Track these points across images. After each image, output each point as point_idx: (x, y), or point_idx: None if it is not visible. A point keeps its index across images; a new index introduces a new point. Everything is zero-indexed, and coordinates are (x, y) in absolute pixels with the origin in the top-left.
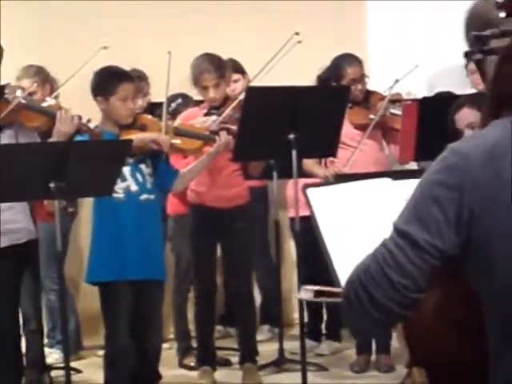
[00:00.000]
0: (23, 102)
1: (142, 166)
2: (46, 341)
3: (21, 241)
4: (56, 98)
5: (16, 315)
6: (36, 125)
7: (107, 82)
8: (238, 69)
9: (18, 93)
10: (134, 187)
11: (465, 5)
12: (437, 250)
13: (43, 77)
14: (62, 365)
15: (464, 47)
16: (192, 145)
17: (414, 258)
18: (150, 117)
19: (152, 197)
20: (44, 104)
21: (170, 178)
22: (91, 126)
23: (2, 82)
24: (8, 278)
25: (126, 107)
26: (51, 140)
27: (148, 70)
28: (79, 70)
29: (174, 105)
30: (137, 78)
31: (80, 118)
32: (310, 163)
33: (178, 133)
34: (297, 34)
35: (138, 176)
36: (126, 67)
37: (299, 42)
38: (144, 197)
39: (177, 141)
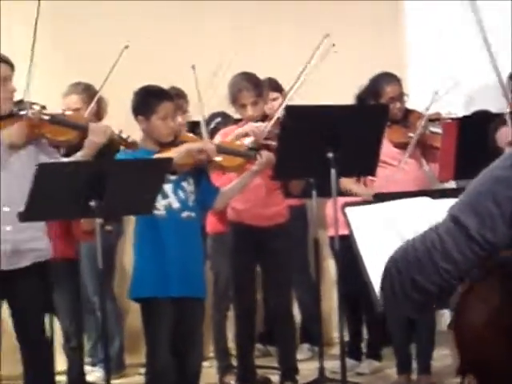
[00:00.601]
0: (45, 117)
1: (184, 184)
2: (89, 359)
3: (42, 259)
4: (99, 117)
5: (42, 332)
6: (65, 138)
7: (147, 101)
8: (277, 87)
9: (27, 109)
10: (175, 204)
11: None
12: (487, 242)
13: (90, 94)
14: (103, 383)
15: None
16: (233, 162)
17: (462, 246)
18: (190, 134)
19: (193, 214)
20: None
21: (211, 196)
22: (123, 136)
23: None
24: (34, 297)
25: (166, 126)
26: (82, 151)
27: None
28: (108, 75)
29: (213, 124)
30: (175, 96)
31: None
32: (346, 181)
33: (219, 150)
34: (327, 35)
35: (180, 193)
36: (165, 85)
37: (333, 45)
38: (185, 214)
39: (218, 158)
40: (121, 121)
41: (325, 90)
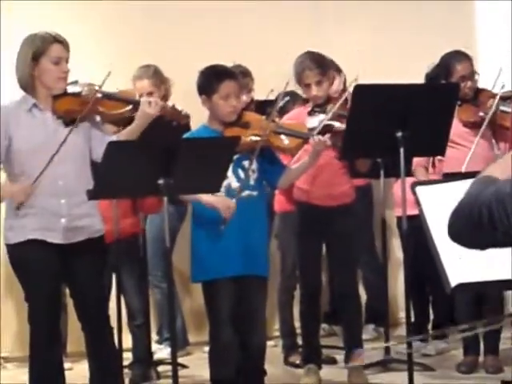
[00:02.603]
0: (99, 95)
1: (245, 163)
2: (156, 337)
3: (96, 235)
4: (166, 99)
5: (102, 309)
6: (118, 112)
7: (210, 80)
8: (339, 68)
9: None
10: (234, 184)
11: None
12: None
13: (160, 78)
14: (169, 360)
15: None
16: (292, 143)
17: None
18: (254, 114)
19: (255, 193)
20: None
21: (275, 175)
22: (178, 108)
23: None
24: (91, 272)
25: (228, 105)
26: (133, 123)
27: (254, 67)
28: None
29: (281, 103)
30: (240, 74)
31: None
32: (417, 170)
33: (279, 131)
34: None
35: (240, 173)
36: (229, 63)
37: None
38: (246, 193)
39: (283, 141)
40: (184, 102)
41: (395, 69)
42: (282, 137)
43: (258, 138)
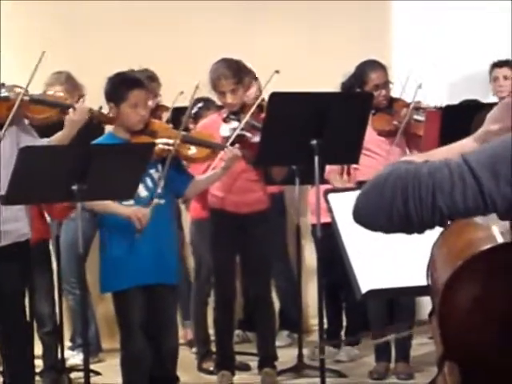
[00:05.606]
0: (26, 98)
1: (152, 171)
2: (70, 344)
3: (23, 238)
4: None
5: (22, 314)
6: (45, 116)
7: (118, 88)
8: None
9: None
10: (143, 193)
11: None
12: (494, 206)
13: (72, 83)
14: (81, 367)
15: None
16: (201, 153)
17: (470, 199)
18: (161, 122)
19: (162, 201)
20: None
21: (182, 184)
22: (103, 112)
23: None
24: (14, 277)
25: (136, 114)
26: (63, 130)
27: (161, 71)
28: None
29: (195, 109)
30: (147, 79)
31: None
32: (332, 176)
33: (187, 140)
34: (277, 72)
35: (148, 181)
36: (136, 67)
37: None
38: (154, 202)
39: (190, 150)
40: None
41: (312, 79)
42: (191, 146)
43: (166, 147)
